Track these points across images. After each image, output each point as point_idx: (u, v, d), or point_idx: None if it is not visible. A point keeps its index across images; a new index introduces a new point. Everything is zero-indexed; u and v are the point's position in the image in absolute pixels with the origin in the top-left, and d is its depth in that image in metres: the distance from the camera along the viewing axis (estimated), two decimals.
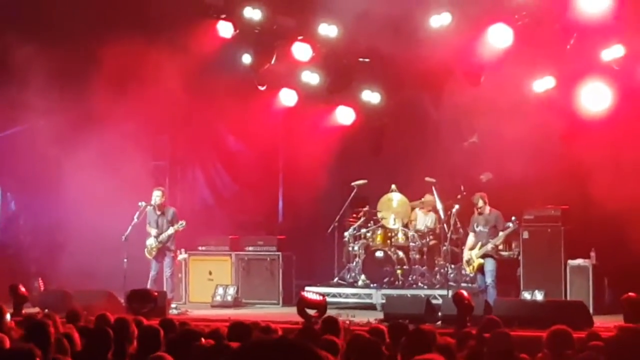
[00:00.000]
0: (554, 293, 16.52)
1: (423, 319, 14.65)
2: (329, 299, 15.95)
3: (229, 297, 18.55)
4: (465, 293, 14.06)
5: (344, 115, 20.06)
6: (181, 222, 17.43)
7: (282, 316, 15.43)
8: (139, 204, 17.34)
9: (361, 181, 19.12)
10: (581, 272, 16.77)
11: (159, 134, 20.94)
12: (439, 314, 15.14)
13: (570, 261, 16.88)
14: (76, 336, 8.70)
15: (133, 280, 16.70)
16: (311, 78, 19.37)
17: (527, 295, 16.56)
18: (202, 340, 8.09)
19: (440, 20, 17.12)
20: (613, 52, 16.26)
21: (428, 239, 18.58)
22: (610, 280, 16.76)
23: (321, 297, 14.76)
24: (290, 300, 18.09)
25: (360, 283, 18.37)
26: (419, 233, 18.60)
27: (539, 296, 16.37)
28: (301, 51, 18.70)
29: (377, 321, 14.50)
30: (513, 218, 16.64)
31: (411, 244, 18.47)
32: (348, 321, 14.39)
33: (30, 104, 18.89)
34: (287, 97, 19.90)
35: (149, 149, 20.20)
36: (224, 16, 18.67)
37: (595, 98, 16.69)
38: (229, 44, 18.92)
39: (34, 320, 8.66)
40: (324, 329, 9.38)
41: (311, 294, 15.08)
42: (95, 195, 18.09)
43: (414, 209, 19.05)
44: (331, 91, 19.10)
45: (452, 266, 18.10)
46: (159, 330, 8.42)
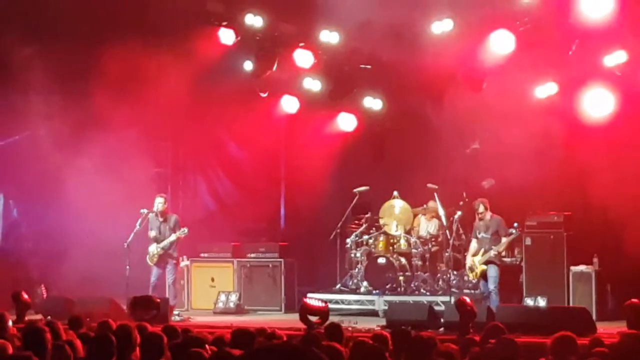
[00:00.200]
0: (556, 299, 16.50)
1: (425, 325, 14.64)
2: (331, 305, 15.93)
3: (231, 304, 18.54)
4: (468, 299, 14.03)
5: (346, 121, 20.08)
6: (183, 229, 17.40)
7: (285, 323, 15.40)
8: (141, 211, 17.32)
9: (363, 188, 19.11)
10: (584, 279, 16.75)
11: (161, 141, 20.95)
12: (442, 320, 15.11)
13: (573, 267, 16.86)
14: (78, 343, 8.69)
15: (135, 287, 16.67)
16: (313, 85, 19.38)
17: (529, 302, 16.53)
18: (207, 347, 8.07)
19: (441, 26, 17.11)
20: (615, 58, 16.25)
21: (430, 246, 18.57)
22: (613, 286, 16.74)
23: (323, 304, 14.74)
24: (292, 307, 18.08)
25: (362, 289, 18.36)
26: (421, 239, 18.60)
27: (541, 302, 16.33)
28: (303, 58, 18.71)
29: (379, 328, 14.47)
30: (515, 224, 16.62)
31: (413, 250, 18.46)
32: (350, 328, 14.38)
33: (32, 111, 18.93)
34: (288, 104, 19.90)
35: (150, 156, 20.18)
36: (225, 23, 18.67)
37: (597, 104, 16.69)
38: (230, 51, 18.92)
39: (31, 327, 8.64)
40: (327, 335, 9.36)
41: (313, 300, 15.05)
42: (97, 202, 18.07)
43: (417, 215, 19.05)
44: (333, 98, 19.09)
45: (455, 272, 18.08)
46: (162, 337, 8.39)
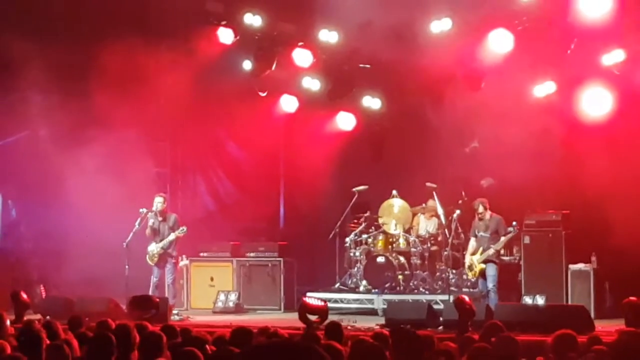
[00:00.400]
0: (555, 298, 16.53)
1: (424, 324, 14.66)
2: (330, 304, 15.92)
3: (231, 303, 18.55)
4: (467, 298, 14.01)
5: (345, 121, 20.09)
6: (182, 228, 17.39)
7: (284, 322, 15.40)
8: (140, 210, 17.32)
9: (362, 187, 19.12)
10: (582, 277, 16.77)
11: (160, 141, 20.96)
12: (441, 319, 15.13)
13: (572, 266, 16.89)
14: (75, 343, 8.70)
15: (135, 286, 16.66)
16: (312, 84, 19.39)
17: (528, 300, 16.56)
18: (207, 347, 8.08)
19: (440, 25, 17.13)
20: (613, 57, 16.28)
21: (429, 244, 18.59)
22: (611, 284, 16.77)
23: (323, 303, 14.74)
24: (291, 306, 18.11)
25: (361, 288, 18.38)
26: (420, 238, 18.62)
27: (540, 301, 16.35)
28: (302, 57, 18.72)
29: (378, 327, 14.49)
30: (514, 223, 16.62)
31: (412, 249, 18.48)
32: (350, 327, 14.39)
33: (31, 110, 18.92)
34: (287, 103, 19.92)
35: (150, 156, 20.18)
36: (224, 22, 18.69)
37: (595, 103, 16.71)
38: (229, 50, 18.93)
39: (26, 329, 8.66)
40: (327, 334, 9.36)
41: (313, 299, 15.03)
42: (96, 202, 18.05)
43: (416, 214, 19.07)
44: (332, 97, 19.10)
45: (454, 271, 18.09)
46: (162, 337, 8.39)
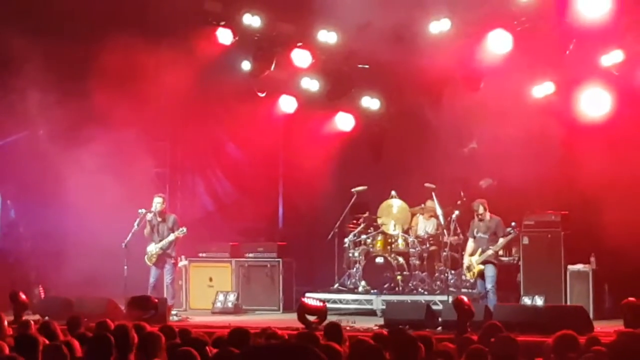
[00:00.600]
0: (554, 298, 16.53)
1: (423, 324, 14.66)
2: (329, 305, 15.98)
3: (230, 304, 18.55)
4: (466, 299, 14.05)
5: (344, 121, 20.09)
6: (182, 229, 17.39)
7: (283, 322, 15.40)
8: (139, 211, 17.32)
9: (361, 187, 19.12)
10: (581, 278, 16.78)
11: (159, 141, 20.95)
12: (439, 319, 15.13)
13: (570, 266, 16.89)
14: (76, 344, 8.69)
15: (133, 287, 16.68)
16: (311, 84, 19.39)
17: (527, 301, 16.56)
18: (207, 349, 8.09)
19: (439, 26, 17.12)
20: (612, 58, 16.28)
21: (428, 245, 18.59)
22: (610, 285, 16.77)
23: (321, 303, 14.78)
24: (290, 307, 18.11)
25: (360, 289, 18.37)
26: (418, 239, 18.61)
27: (539, 301, 16.36)
28: (301, 58, 18.71)
29: (377, 327, 14.49)
30: (513, 224, 16.64)
31: (411, 249, 18.48)
32: (349, 327, 14.40)
33: (30, 110, 18.91)
34: (286, 104, 19.91)
35: (149, 156, 20.19)
36: (223, 23, 18.67)
37: (594, 103, 16.72)
38: (228, 50, 18.91)
39: (21, 330, 8.66)
40: (327, 334, 9.36)
41: (311, 300, 15.09)
42: (95, 202, 18.06)
43: (414, 215, 19.07)
44: (331, 98, 19.09)
45: (452, 272, 18.08)
46: (160, 337, 8.39)
